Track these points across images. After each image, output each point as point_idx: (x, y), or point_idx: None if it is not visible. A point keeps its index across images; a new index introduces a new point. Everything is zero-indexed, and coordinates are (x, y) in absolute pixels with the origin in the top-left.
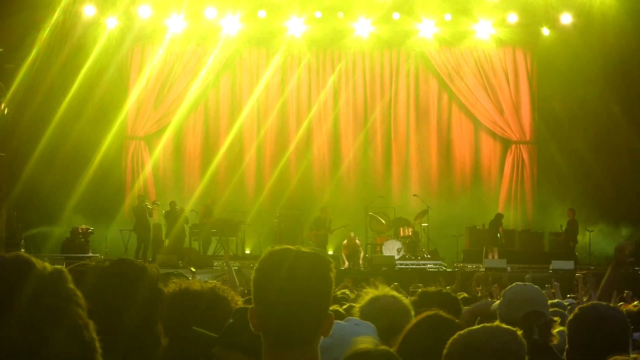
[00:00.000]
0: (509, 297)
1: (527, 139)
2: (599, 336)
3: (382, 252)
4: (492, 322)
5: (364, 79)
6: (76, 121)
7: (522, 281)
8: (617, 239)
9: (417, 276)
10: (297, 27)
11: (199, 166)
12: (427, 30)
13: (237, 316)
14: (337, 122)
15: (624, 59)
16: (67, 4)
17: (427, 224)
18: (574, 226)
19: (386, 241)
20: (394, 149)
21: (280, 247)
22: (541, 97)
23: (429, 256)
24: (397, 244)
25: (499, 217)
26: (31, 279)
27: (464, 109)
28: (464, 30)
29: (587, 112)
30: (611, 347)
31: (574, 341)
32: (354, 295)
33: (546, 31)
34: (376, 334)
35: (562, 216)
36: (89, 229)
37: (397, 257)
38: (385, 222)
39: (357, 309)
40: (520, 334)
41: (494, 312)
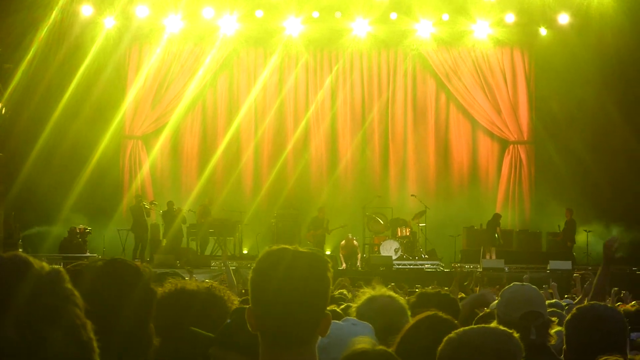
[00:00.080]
0: (506, 297)
1: (525, 139)
2: (596, 336)
3: (379, 252)
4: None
5: (362, 78)
6: (74, 121)
7: (520, 281)
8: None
9: (414, 276)
10: (294, 27)
11: (196, 166)
12: (425, 30)
13: (234, 316)
14: (334, 122)
15: (621, 59)
16: (65, 3)
17: (424, 224)
18: (572, 226)
19: (384, 241)
20: (391, 149)
21: (277, 247)
22: (539, 97)
23: (426, 256)
24: (395, 244)
25: (497, 217)
26: (29, 278)
27: (461, 109)
28: (461, 30)
29: (584, 112)
30: (609, 347)
31: (572, 341)
32: (352, 295)
33: (544, 31)
34: (374, 334)
35: (559, 216)
36: (87, 229)
37: (394, 257)
38: (383, 222)
39: (354, 309)
40: (517, 335)
41: (492, 301)
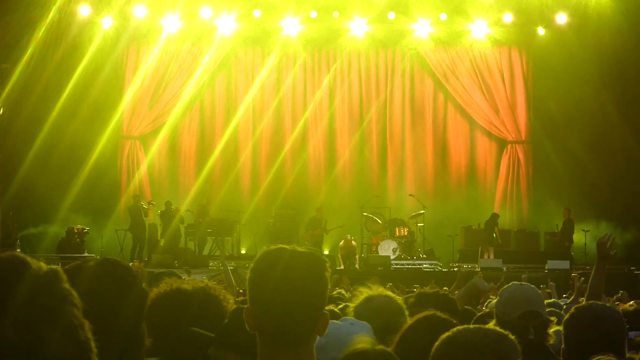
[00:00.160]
0: (505, 296)
1: (523, 138)
2: (595, 336)
3: (377, 252)
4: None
5: (360, 78)
6: (71, 121)
7: (518, 281)
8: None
9: (412, 276)
10: (292, 26)
11: (194, 166)
12: (423, 29)
13: (232, 316)
14: (332, 121)
15: (619, 59)
16: (63, 3)
17: (422, 224)
18: (570, 226)
19: (382, 241)
20: (389, 148)
21: (275, 246)
22: (537, 97)
23: (424, 256)
24: (393, 244)
25: (495, 216)
26: (27, 279)
27: (459, 109)
28: (459, 29)
29: (582, 112)
30: (607, 347)
31: (570, 341)
32: (350, 295)
33: (542, 31)
34: (372, 334)
35: (557, 216)
36: (85, 229)
37: (392, 257)
38: (381, 222)
39: (352, 308)
40: (512, 337)
41: (484, 290)
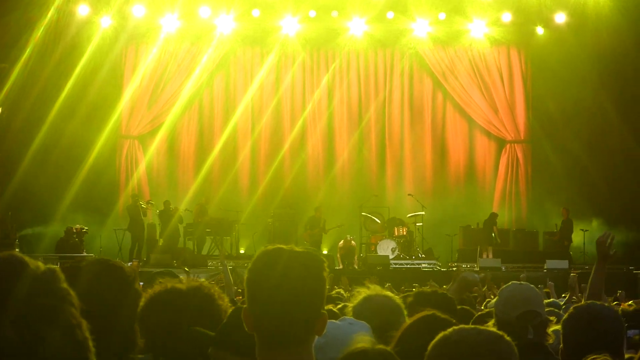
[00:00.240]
0: (505, 296)
1: (522, 138)
2: (593, 335)
3: (376, 252)
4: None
5: (358, 78)
6: (70, 121)
7: (517, 281)
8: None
9: (411, 275)
10: (291, 26)
11: (193, 165)
12: (422, 29)
13: (231, 317)
14: (331, 121)
15: (618, 59)
16: (61, 3)
17: (421, 224)
18: (569, 225)
19: (381, 241)
20: (388, 148)
21: (273, 246)
22: (535, 97)
23: (423, 256)
24: (392, 244)
25: (494, 216)
26: (25, 278)
27: (458, 108)
28: (458, 29)
29: (581, 111)
30: (605, 346)
31: (569, 340)
32: (348, 294)
33: (540, 30)
34: (371, 334)
35: (556, 215)
36: (83, 229)
37: (391, 256)
38: (379, 221)
39: (350, 308)
40: (508, 339)
41: (474, 281)
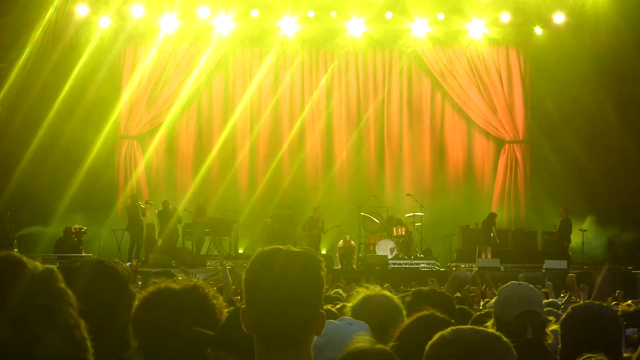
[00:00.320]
0: (503, 295)
1: (520, 138)
2: (591, 335)
3: (375, 252)
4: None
5: (357, 78)
6: (69, 121)
7: (515, 281)
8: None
9: (410, 275)
10: (290, 26)
11: (191, 165)
12: (420, 29)
13: (230, 318)
14: (330, 121)
15: (616, 58)
16: (60, 3)
17: (420, 224)
18: (567, 225)
19: (379, 241)
20: (387, 148)
21: (270, 247)
22: (534, 97)
23: (422, 256)
24: (391, 244)
25: (492, 216)
26: (23, 278)
27: (457, 108)
28: (456, 29)
29: (580, 111)
30: (604, 346)
31: (567, 340)
32: (347, 294)
33: (539, 30)
34: (370, 333)
35: (555, 215)
36: (82, 229)
37: (390, 256)
38: (378, 221)
39: (349, 308)
40: (506, 340)
41: (466, 279)
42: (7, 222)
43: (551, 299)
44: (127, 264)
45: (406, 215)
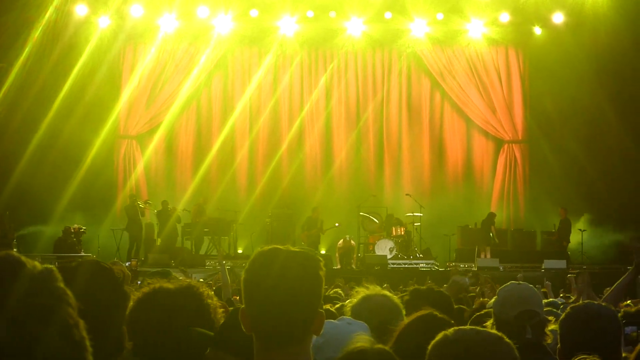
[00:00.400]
0: (503, 295)
1: (520, 138)
2: (590, 335)
3: (374, 252)
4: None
5: (356, 78)
6: (68, 120)
7: (515, 280)
8: (610, 238)
9: (409, 275)
10: (289, 26)
11: (191, 165)
12: (419, 29)
13: (229, 318)
14: (329, 121)
15: (615, 58)
16: (59, 3)
17: (419, 224)
18: (567, 225)
19: (379, 240)
20: (386, 148)
21: (269, 247)
22: (533, 96)
23: (421, 255)
24: (390, 244)
25: (492, 216)
26: (22, 278)
27: (456, 108)
28: (456, 29)
29: (579, 111)
30: (603, 346)
31: (566, 340)
32: (346, 294)
33: (538, 30)
34: (369, 333)
35: (554, 215)
36: (81, 229)
37: (389, 256)
38: (377, 221)
39: (349, 308)
40: (508, 341)
41: (464, 284)
42: (6, 222)
43: (551, 299)
44: (127, 264)
45: (405, 215)
